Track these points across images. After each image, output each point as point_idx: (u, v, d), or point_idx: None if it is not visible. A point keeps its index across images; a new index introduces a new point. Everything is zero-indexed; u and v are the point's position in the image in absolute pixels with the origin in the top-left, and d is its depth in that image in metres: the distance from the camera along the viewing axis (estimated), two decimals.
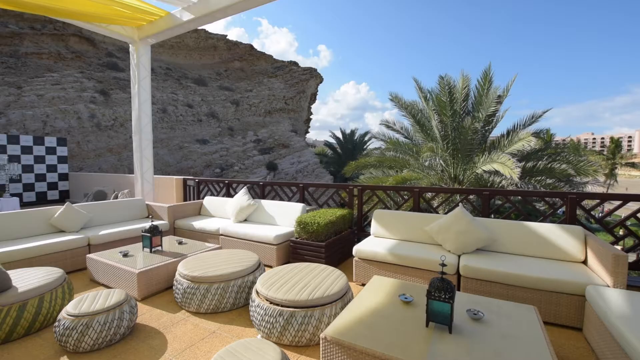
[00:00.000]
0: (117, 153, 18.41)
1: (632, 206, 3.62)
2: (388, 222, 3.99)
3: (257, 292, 2.68)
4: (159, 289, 3.36)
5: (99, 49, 21.69)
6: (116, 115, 19.02)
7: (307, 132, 33.94)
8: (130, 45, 6.24)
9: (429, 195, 4.76)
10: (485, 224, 3.45)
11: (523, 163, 8.73)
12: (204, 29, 29.04)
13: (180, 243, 4.03)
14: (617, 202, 3.72)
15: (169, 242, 4.08)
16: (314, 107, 35.48)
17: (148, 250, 3.70)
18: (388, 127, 10.52)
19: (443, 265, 2.05)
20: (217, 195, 6.40)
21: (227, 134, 24.47)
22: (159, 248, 3.77)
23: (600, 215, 4.01)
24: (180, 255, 3.60)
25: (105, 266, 3.44)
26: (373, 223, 4.07)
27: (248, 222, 4.95)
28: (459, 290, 3.07)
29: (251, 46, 31.71)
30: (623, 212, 3.95)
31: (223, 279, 2.94)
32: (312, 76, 32.66)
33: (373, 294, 2.46)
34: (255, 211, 4.99)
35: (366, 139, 28.60)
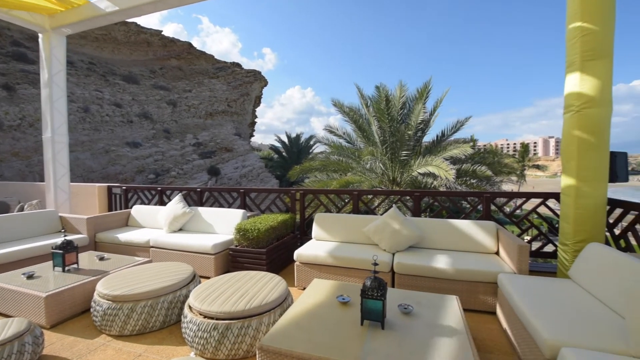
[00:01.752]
0: (25, 158, 15.81)
1: (538, 201, 4.23)
2: (329, 225, 4.07)
3: (189, 307, 2.50)
4: (74, 312, 2.95)
5: (1, 36, 18.50)
6: (24, 113, 16.36)
7: (251, 135, 33.13)
8: (39, 34, 5.44)
9: (371, 197, 4.99)
10: (416, 223, 3.73)
11: (454, 166, 9.70)
12: (135, 22, 26.62)
13: (101, 259, 3.60)
14: (522, 199, 4.33)
15: (88, 259, 3.61)
16: (259, 110, 34.88)
17: (60, 269, 3.22)
18: (331, 132, 10.81)
19: (375, 264, 2.15)
20: (149, 204, 5.88)
21: (162, 137, 22.69)
22: (75, 266, 3.31)
23: (509, 211, 4.61)
24: (101, 272, 3.20)
25: (3, 291, 2.90)
26: (314, 226, 4.12)
27: (183, 231, 4.62)
28: (393, 286, 3.25)
29: (190, 44, 29.98)
30: (531, 207, 4.58)
31: (151, 295, 2.69)
32: (257, 79, 32.07)
33: (312, 297, 2.47)
34: (192, 219, 4.68)
35: (312, 143, 29.01)
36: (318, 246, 3.71)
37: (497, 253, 3.50)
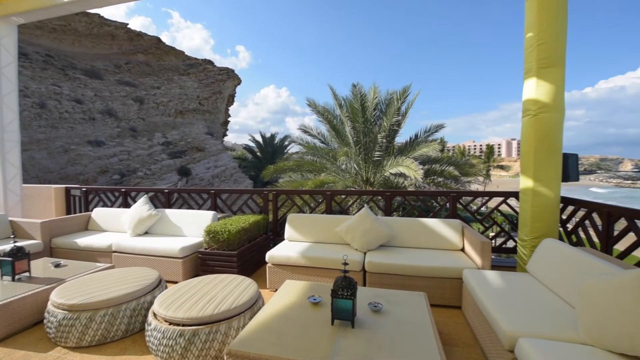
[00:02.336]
0: None
1: (500, 200, 4.46)
2: (301, 226, 4.06)
3: (154, 314, 2.39)
4: (25, 325, 2.72)
5: None
6: None
7: (224, 135, 32.35)
8: None
9: (344, 197, 5.04)
10: (387, 222, 3.81)
11: (424, 166, 10.02)
12: (98, 14, 25.12)
13: (57, 266, 3.35)
14: (486, 198, 4.56)
15: (42, 266, 3.36)
16: (232, 109, 34.10)
17: (9, 278, 2.96)
18: (305, 132, 10.80)
19: (345, 264, 2.16)
20: (112, 206, 5.57)
21: (128, 135, 21.57)
22: (26, 274, 3.06)
23: (474, 209, 4.83)
24: (56, 280, 2.98)
25: None
26: (287, 227, 4.09)
27: (149, 235, 4.42)
28: (364, 285, 3.30)
29: (159, 39, 28.73)
30: (494, 206, 4.81)
31: (112, 303, 2.54)
32: (230, 77, 31.35)
33: (283, 299, 2.45)
34: (159, 222, 4.49)
35: (286, 143, 28.83)
36: (290, 247, 3.69)
37: (462, 250, 3.65)
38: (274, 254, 3.51)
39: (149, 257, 3.89)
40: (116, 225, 4.69)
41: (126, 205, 5.46)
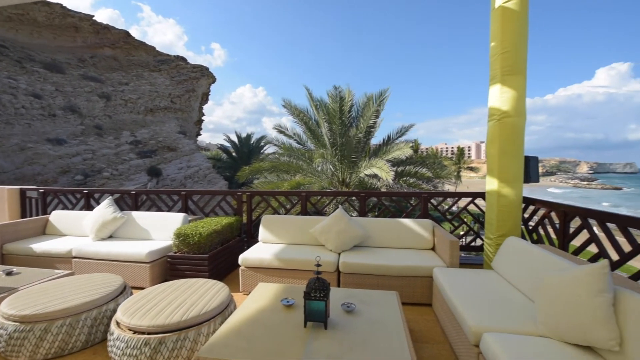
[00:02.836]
0: None
1: (469, 200, 4.64)
2: (276, 227, 4.01)
3: (117, 323, 2.26)
4: None
5: None
6: None
7: (198, 134, 31.40)
8: None
9: (319, 198, 5.04)
10: (361, 223, 3.85)
11: (397, 168, 10.25)
12: (60, 4, 23.57)
13: (9, 274, 3.09)
14: (455, 198, 4.73)
15: None
16: (207, 108, 33.20)
17: None
18: (281, 132, 10.71)
19: (318, 265, 2.16)
20: (73, 209, 5.22)
21: (93, 133, 20.38)
22: None
23: (445, 209, 5.00)
24: (7, 289, 2.75)
25: None
26: (261, 229, 4.03)
27: (114, 239, 4.19)
28: (339, 286, 3.31)
29: (127, 33, 27.41)
30: (463, 206, 5.00)
31: (70, 312, 2.38)
32: (204, 75, 30.47)
33: (256, 302, 2.41)
34: (124, 225, 4.26)
35: (262, 143, 28.45)
36: (264, 249, 3.64)
37: (433, 249, 3.76)
38: (247, 257, 3.44)
39: (113, 262, 3.69)
40: (77, 229, 4.41)
41: (89, 207, 5.15)
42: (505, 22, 3.29)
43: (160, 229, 4.18)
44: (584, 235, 3.14)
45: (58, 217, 4.60)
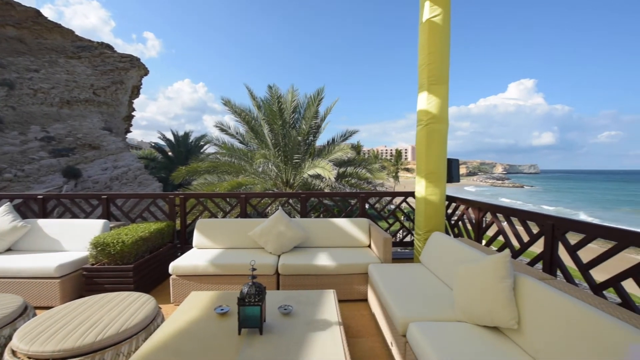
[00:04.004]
0: None
1: (401, 199, 4.96)
2: (212, 231, 3.81)
3: (12, 352, 1.92)
4: None
5: None
6: None
7: (128, 131, 28.39)
8: None
9: (259, 200, 4.92)
10: (301, 224, 3.86)
11: (340, 169, 10.54)
12: None
13: None
14: (390, 198, 5.04)
15: None
16: (138, 102, 30.28)
17: None
18: (222, 130, 10.26)
19: (253, 269, 2.10)
20: None
21: None
22: None
23: (380, 208, 5.29)
24: None
25: None
26: (195, 234, 3.79)
27: (14, 251, 3.57)
28: (278, 288, 3.28)
29: (38, 12, 23.66)
30: (397, 204, 5.33)
31: None
32: (134, 65, 27.65)
33: (187, 313, 2.26)
34: (28, 236, 3.65)
35: (202, 142, 26.93)
36: (199, 255, 3.43)
37: (369, 246, 3.94)
38: (179, 264, 3.21)
39: (12, 280, 3.13)
40: None
41: None
42: (432, 35, 3.60)
43: (75, 238, 3.68)
44: (495, 227, 3.58)
45: None
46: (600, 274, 2.36)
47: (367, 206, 4.64)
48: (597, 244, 2.34)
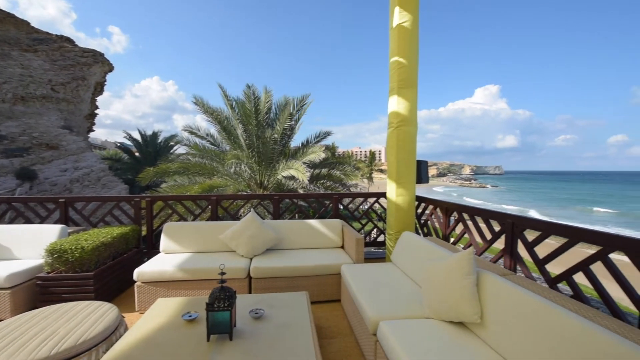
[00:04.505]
0: None
1: (374, 200, 5.05)
2: (181, 235, 3.68)
3: None
4: None
5: None
6: None
7: (90, 130, 26.72)
8: None
9: (231, 202, 4.79)
10: (274, 226, 3.83)
11: (314, 170, 10.55)
12: None
13: None
14: (362, 199, 5.11)
15: None
16: (102, 100, 28.61)
17: None
18: (192, 133, 9.94)
19: (222, 273, 2.05)
20: None
21: None
22: None
23: (353, 208, 5.36)
24: None
25: None
26: (163, 238, 3.64)
27: None
28: (250, 292, 3.22)
29: None
30: (371, 205, 5.42)
31: None
32: (98, 61, 26.03)
33: (152, 321, 2.16)
34: None
35: (173, 142, 25.90)
36: (166, 260, 3.29)
37: (342, 247, 3.98)
38: (144, 270, 3.06)
39: None
40: None
41: None
42: (401, 41, 3.71)
43: (29, 245, 3.41)
44: (461, 226, 3.73)
45: None
46: (559, 268, 2.52)
47: (340, 207, 4.68)
48: (554, 239, 2.51)
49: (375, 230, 5.22)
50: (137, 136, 25.62)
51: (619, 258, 1.98)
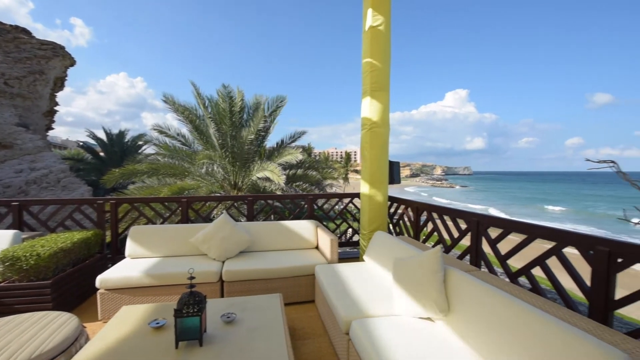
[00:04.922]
0: None
1: (348, 200, 5.11)
2: (148, 239, 3.53)
3: None
4: None
5: None
6: None
7: (49, 128, 24.96)
8: None
9: (203, 204, 4.66)
10: (247, 228, 3.77)
11: (289, 171, 10.50)
12: None
13: None
14: (337, 199, 5.16)
15: None
16: (62, 96, 26.81)
17: None
18: (162, 132, 9.57)
19: (191, 278, 1.99)
20: None
21: None
22: None
23: (328, 209, 5.40)
24: None
25: None
26: (128, 242, 3.47)
27: None
28: (222, 296, 3.15)
29: None
30: (344, 206, 5.48)
31: None
32: (58, 54, 24.33)
33: (116, 330, 2.05)
34: None
35: (141, 142, 24.72)
36: (132, 266, 3.14)
37: (317, 247, 3.99)
38: (108, 277, 2.90)
39: None
40: None
41: None
42: (374, 44, 3.78)
43: None
44: (431, 225, 3.87)
45: None
46: (522, 262, 2.67)
47: (315, 207, 4.70)
48: (516, 236, 2.66)
49: (349, 230, 5.28)
50: (102, 135, 24.20)
51: (572, 252, 2.15)
